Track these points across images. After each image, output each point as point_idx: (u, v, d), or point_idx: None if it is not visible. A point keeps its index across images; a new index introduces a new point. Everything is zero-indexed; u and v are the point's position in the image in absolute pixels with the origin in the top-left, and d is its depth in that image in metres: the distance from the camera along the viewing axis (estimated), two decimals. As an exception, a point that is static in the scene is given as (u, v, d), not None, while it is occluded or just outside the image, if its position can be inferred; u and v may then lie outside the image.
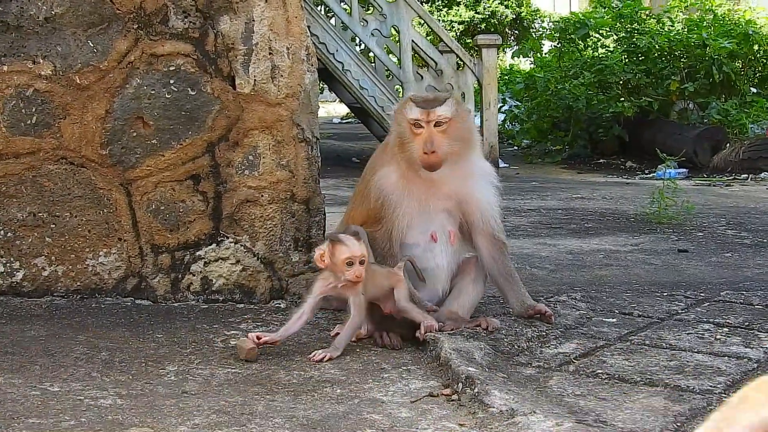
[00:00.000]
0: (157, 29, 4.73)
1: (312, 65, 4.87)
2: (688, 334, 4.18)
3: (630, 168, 14.22)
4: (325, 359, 3.83)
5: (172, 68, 4.74)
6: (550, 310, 4.36)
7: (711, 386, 3.43)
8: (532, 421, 3.00)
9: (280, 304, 4.82)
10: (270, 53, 4.77)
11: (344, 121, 25.09)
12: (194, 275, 4.82)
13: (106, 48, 4.70)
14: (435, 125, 4.17)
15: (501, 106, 16.45)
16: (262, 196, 4.81)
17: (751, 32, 15.28)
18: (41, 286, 4.78)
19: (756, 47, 15.50)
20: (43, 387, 3.46)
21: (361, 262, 3.94)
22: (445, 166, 4.21)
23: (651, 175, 12.86)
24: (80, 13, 4.68)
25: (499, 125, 14.38)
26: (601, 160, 15.04)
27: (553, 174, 13.63)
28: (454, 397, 3.38)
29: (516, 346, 3.99)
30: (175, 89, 4.74)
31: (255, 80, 4.77)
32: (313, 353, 3.88)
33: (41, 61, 4.69)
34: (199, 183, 4.79)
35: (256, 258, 4.83)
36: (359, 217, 4.35)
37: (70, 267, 4.79)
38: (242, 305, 4.79)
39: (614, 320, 4.45)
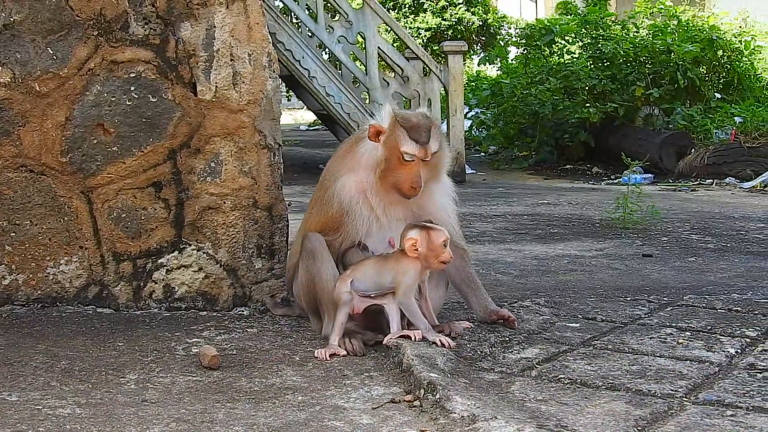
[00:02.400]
0: (118, 36, 4.69)
1: (274, 71, 4.85)
2: (650, 338, 4.19)
3: (596, 173, 14.28)
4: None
5: (132, 75, 4.70)
6: (513, 315, 4.36)
7: (672, 390, 3.43)
8: (493, 427, 3.00)
9: (243, 311, 4.80)
10: (231, 59, 4.75)
11: (311, 128, 25.07)
12: (156, 283, 4.79)
13: (65, 55, 4.66)
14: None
15: (467, 113, 16.47)
16: (225, 203, 4.78)
17: (715, 38, 15.38)
18: (1, 294, 4.72)
19: (720, 53, 15.61)
20: (1, 397, 3.43)
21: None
22: None
23: (617, 180, 12.93)
24: (39, 20, 4.64)
25: (465, 131, 14.39)
26: (568, 166, 15.10)
27: (519, 180, 13.67)
28: (416, 403, 3.37)
29: (479, 352, 3.98)
30: (136, 96, 4.70)
31: (216, 87, 4.74)
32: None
33: (0, 68, 4.64)
34: (160, 190, 4.76)
35: (218, 265, 4.81)
36: (317, 224, 4.32)
37: (31, 275, 4.74)
38: (205, 313, 4.77)
39: (577, 325, 4.45)
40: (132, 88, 4.70)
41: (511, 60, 18.40)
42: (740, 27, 16.85)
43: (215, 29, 4.74)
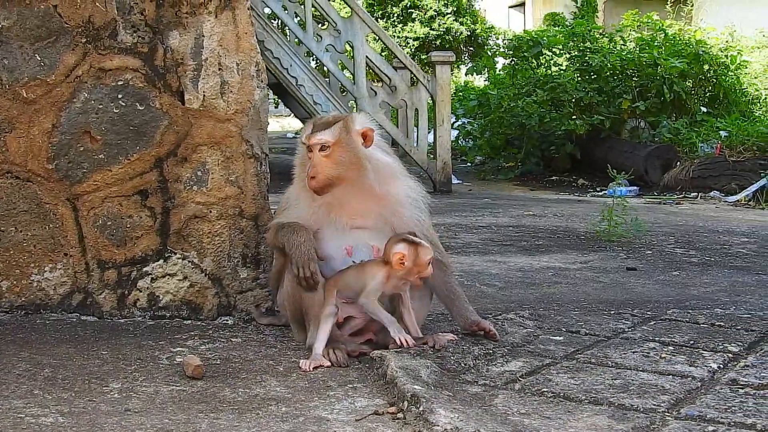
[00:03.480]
0: (106, 43, 4.69)
1: (262, 81, 4.86)
2: (633, 352, 4.20)
3: (582, 185, 14.32)
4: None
5: (120, 83, 4.70)
6: (493, 329, 4.34)
7: (654, 405, 3.44)
8: (475, 440, 3.01)
9: (227, 320, 4.80)
10: (219, 69, 4.76)
11: (298, 135, 25.07)
12: (141, 291, 4.78)
13: (53, 62, 4.66)
14: (320, 150, 4.17)
15: (454, 123, 16.50)
16: (211, 212, 4.78)
17: (701, 52, 15.48)
18: (-15, 301, 4.72)
19: (706, 67, 15.69)
20: (-17, 404, 3.42)
21: None
22: (343, 189, 4.20)
23: (602, 192, 12.97)
24: (28, 27, 4.64)
25: (452, 141, 14.41)
26: (554, 177, 15.15)
27: (505, 190, 13.70)
28: (400, 415, 3.37)
29: (462, 364, 3.98)
30: (124, 104, 4.70)
31: (204, 96, 4.75)
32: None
33: (-13, 74, 4.64)
34: (146, 198, 4.76)
35: (203, 274, 4.80)
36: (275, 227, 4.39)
37: (15, 282, 4.73)
38: (189, 322, 4.76)
39: (561, 338, 4.46)
40: (119, 96, 4.70)
41: (499, 71, 18.46)
42: (726, 41, 16.93)
43: (204, 38, 4.74)
